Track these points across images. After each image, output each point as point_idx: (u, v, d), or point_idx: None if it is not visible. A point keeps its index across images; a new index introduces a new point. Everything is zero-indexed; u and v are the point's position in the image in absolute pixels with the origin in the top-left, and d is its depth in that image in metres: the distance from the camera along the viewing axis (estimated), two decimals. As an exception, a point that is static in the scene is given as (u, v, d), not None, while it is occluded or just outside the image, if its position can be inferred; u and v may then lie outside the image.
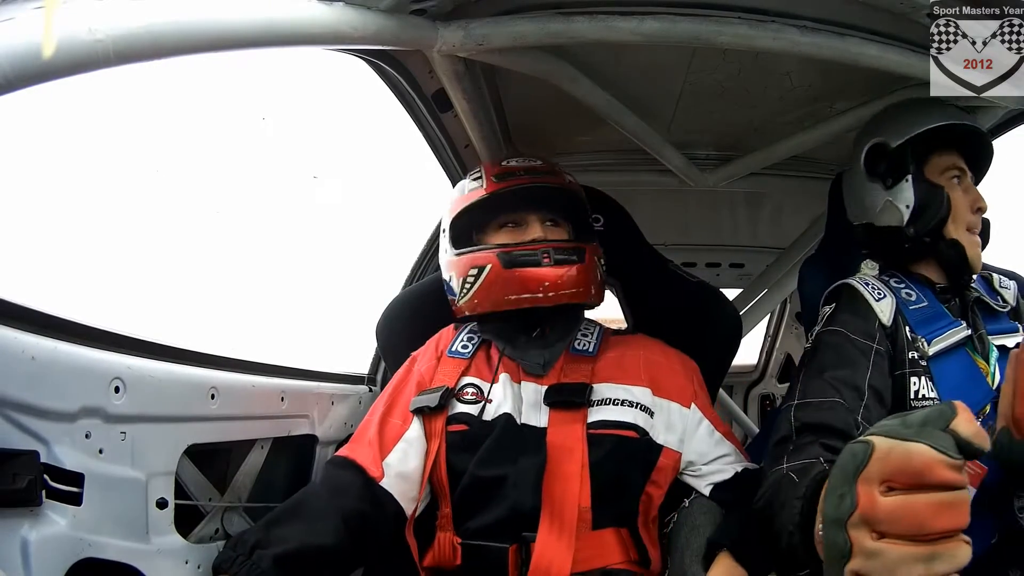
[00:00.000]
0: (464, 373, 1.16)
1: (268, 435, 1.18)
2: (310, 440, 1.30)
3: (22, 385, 0.73)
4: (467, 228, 1.21)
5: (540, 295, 1.10)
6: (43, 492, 0.73)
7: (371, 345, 1.54)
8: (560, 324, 1.18)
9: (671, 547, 1.11)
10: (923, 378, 1.04)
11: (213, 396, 1.02)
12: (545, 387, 1.13)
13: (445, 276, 1.22)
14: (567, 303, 1.12)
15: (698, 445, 1.13)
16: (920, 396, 1.03)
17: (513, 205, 1.17)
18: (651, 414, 1.12)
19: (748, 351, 2.84)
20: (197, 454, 1.02)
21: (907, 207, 1.12)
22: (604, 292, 1.22)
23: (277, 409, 1.20)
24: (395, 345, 1.38)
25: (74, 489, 0.77)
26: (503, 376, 1.14)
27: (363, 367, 1.61)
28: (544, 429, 1.08)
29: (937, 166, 1.13)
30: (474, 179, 1.21)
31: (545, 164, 1.23)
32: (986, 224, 1.15)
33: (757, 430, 2.55)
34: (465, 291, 1.15)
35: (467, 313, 1.18)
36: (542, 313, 1.14)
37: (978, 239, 1.11)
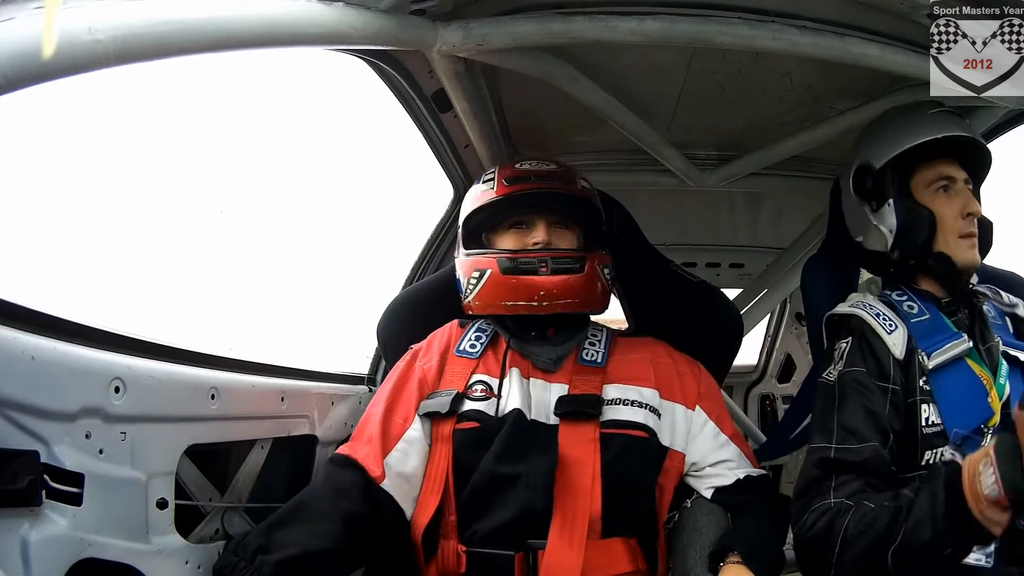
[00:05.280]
0: (473, 372, 1.16)
1: (268, 435, 1.18)
2: (310, 440, 1.29)
3: (22, 385, 0.73)
4: (478, 228, 1.22)
5: (535, 303, 1.11)
6: (43, 492, 0.73)
7: (371, 345, 1.54)
8: (566, 328, 1.19)
9: (672, 547, 1.11)
10: (931, 404, 1.03)
11: (213, 396, 1.02)
12: (554, 385, 1.13)
13: (457, 274, 1.23)
14: (564, 312, 1.13)
15: (700, 446, 1.13)
16: (931, 423, 1.03)
17: (521, 208, 1.18)
18: (658, 415, 1.13)
19: (748, 351, 2.84)
20: (197, 454, 1.02)
21: (890, 232, 1.13)
22: (608, 300, 1.22)
23: (277, 409, 1.20)
24: (396, 344, 1.38)
25: (74, 489, 0.77)
26: (513, 371, 1.14)
27: (363, 367, 1.61)
28: (554, 427, 1.09)
29: (923, 179, 1.12)
30: (486, 181, 1.22)
31: (559, 168, 1.24)
32: (987, 227, 1.14)
33: (758, 431, 2.55)
34: (469, 290, 1.18)
35: (472, 312, 1.20)
36: (545, 317, 1.14)
37: (972, 241, 1.10)
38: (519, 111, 1.52)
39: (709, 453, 1.13)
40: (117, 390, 0.84)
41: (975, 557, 0.94)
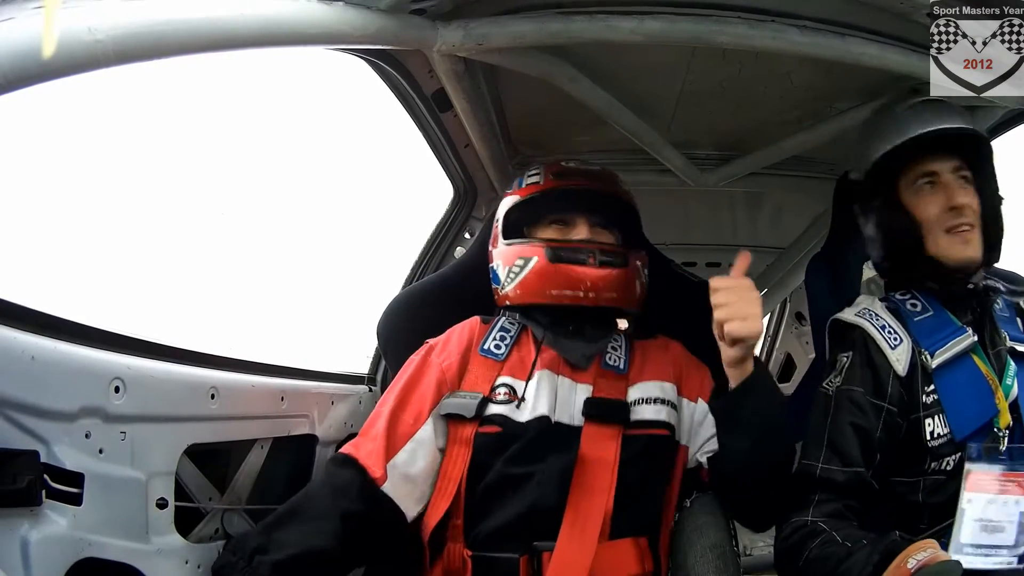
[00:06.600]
0: (499, 375, 1.15)
1: (268, 435, 1.18)
2: (310, 440, 1.29)
3: (22, 385, 0.73)
4: (518, 221, 1.22)
5: (581, 294, 1.11)
6: (43, 492, 0.73)
7: (371, 345, 1.54)
8: (600, 326, 1.19)
9: (674, 547, 1.11)
10: (936, 416, 1.03)
11: (213, 396, 1.02)
12: (580, 385, 1.13)
13: (492, 264, 1.23)
14: (607, 306, 1.14)
15: (703, 433, 1.14)
16: (936, 435, 1.02)
17: (565, 204, 1.19)
18: (677, 411, 1.14)
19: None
20: (197, 454, 1.01)
21: (878, 245, 1.14)
22: (643, 301, 1.22)
23: (277, 409, 1.20)
24: (396, 344, 1.38)
25: (74, 489, 0.77)
26: (540, 372, 1.14)
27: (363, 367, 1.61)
28: (577, 428, 1.09)
29: (908, 180, 1.10)
30: (532, 175, 1.23)
31: (603, 171, 1.26)
32: (992, 216, 1.09)
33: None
34: (509, 280, 1.17)
35: (508, 302, 1.19)
36: (582, 312, 1.14)
37: (963, 236, 1.06)
38: (519, 111, 1.52)
39: (708, 435, 1.13)
40: (117, 390, 0.84)
41: (1000, 561, 0.94)
